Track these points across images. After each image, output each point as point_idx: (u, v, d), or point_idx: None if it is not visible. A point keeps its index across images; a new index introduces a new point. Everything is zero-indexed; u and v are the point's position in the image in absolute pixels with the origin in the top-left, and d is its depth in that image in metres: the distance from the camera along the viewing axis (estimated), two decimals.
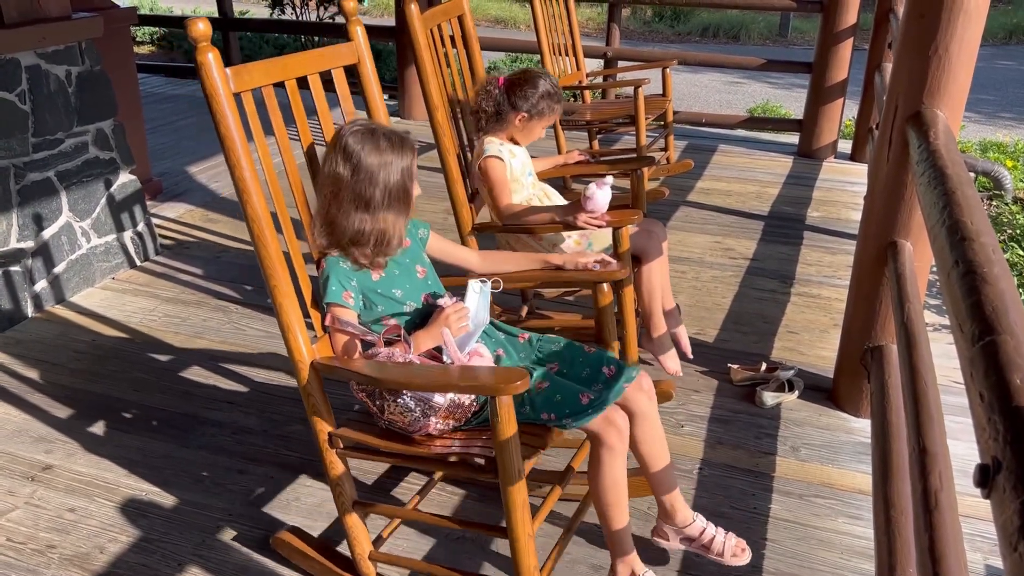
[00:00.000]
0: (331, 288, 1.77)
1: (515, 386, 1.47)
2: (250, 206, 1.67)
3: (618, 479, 1.79)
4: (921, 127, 2.15)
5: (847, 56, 5.09)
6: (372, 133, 1.77)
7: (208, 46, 1.60)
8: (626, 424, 1.78)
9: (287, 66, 1.81)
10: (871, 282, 2.54)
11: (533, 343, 1.97)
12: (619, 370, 1.84)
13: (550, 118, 2.65)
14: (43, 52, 3.25)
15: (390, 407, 1.70)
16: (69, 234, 3.42)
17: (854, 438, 2.56)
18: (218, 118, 1.63)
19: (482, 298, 1.86)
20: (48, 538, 2.13)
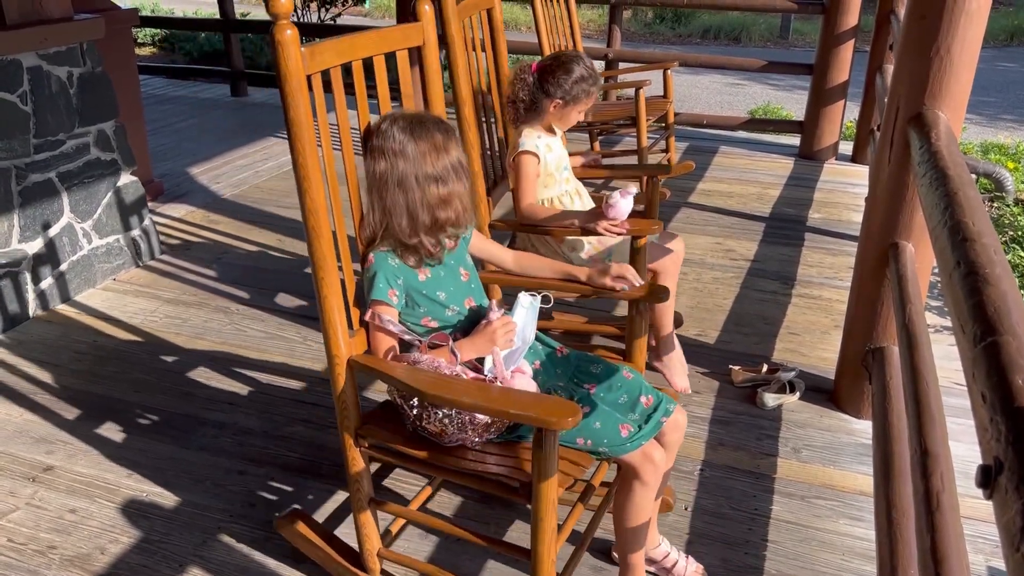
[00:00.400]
0: (378, 285, 1.73)
1: (567, 422, 1.43)
2: (309, 197, 1.62)
3: (645, 511, 1.77)
4: (922, 128, 2.15)
5: (848, 58, 5.09)
6: (419, 121, 1.73)
7: (288, 23, 1.51)
8: (663, 459, 1.74)
9: (355, 46, 1.74)
10: (872, 283, 2.54)
11: (571, 360, 1.93)
12: (656, 401, 1.80)
13: (586, 102, 2.57)
14: (44, 53, 3.25)
15: (429, 416, 1.66)
16: (70, 235, 3.43)
17: (855, 439, 2.55)
18: (289, 102, 1.55)
19: (531, 313, 1.81)
20: (49, 539, 2.13)
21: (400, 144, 1.69)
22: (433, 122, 1.75)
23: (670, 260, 2.68)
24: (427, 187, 1.69)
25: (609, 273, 1.99)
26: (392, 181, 1.69)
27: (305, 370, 2.90)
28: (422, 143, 1.69)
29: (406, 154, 1.68)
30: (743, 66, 5.93)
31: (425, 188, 1.69)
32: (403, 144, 1.69)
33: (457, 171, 1.73)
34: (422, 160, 1.69)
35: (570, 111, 2.58)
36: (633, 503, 1.76)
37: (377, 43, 1.82)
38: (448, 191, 1.71)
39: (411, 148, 1.69)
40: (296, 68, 1.54)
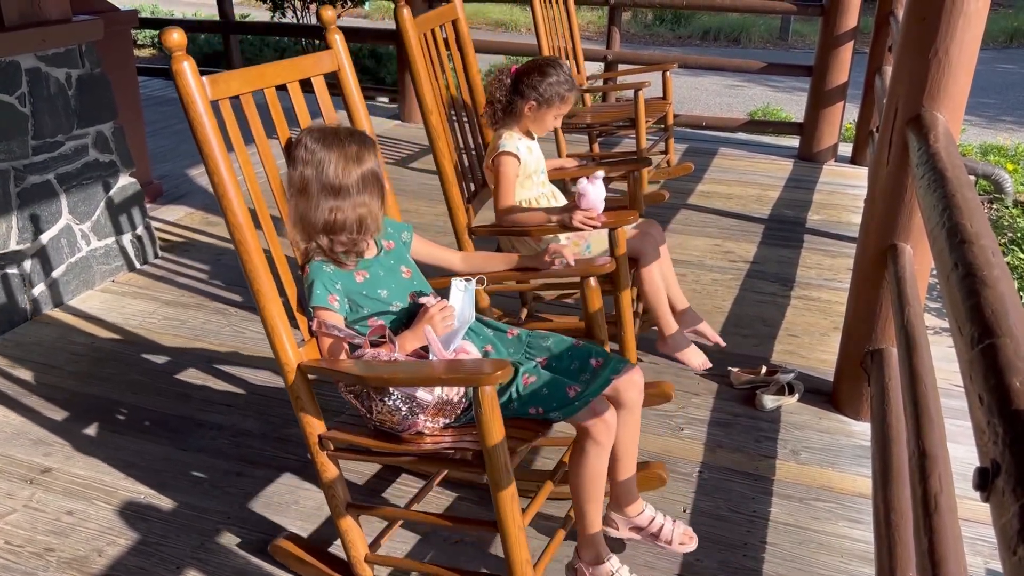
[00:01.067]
0: (316, 292, 1.78)
1: (496, 375, 1.48)
2: (230, 212, 1.69)
3: (599, 473, 1.81)
4: (921, 130, 2.15)
5: (847, 59, 5.09)
6: (333, 132, 1.80)
7: (183, 55, 1.60)
8: (614, 419, 1.78)
9: (265, 75, 1.82)
10: (871, 285, 2.54)
11: (523, 339, 1.98)
12: (607, 361, 1.85)
13: (561, 106, 2.59)
14: (43, 55, 3.25)
15: (378, 407, 1.71)
16: (69, 237, 3.42)
17: (854, 441, 2.55)
18: (195, 126, 1.63)
19: (467, 296, 1.87)
20: (46, 541, 2.13)
21: (308, 152, 1.76)
22: (348, 134, 1.81)
23: (648, 245, 2.67)
24: (325, 195, 1.76)
25: (547, 252, 2.10)
26: (296, 187, 1.77)
27: None
28: (330, 152, 1.76)
29: (312, 162, 1.76)
30: (742, 68, 5.93)
31: (322, 196, 1.76)
32: (312, 153, 1.76)
33: (367, 181, 1.78)
34: (327, 167, 1.75)
35: (545, 114, 2.59)
36: (586, 463, 1.79)
37: (289, 71, 1.91)
38: (348, 201, 1.76)
39: (318, 156, 1.76)
40: (194, 96, 1.62)
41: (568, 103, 2.61)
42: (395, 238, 1.97)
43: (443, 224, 4.12)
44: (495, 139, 2.61)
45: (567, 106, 2.61)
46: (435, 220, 4.19)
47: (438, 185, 2.61)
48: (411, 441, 1.74)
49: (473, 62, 2.85)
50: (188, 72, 1.61)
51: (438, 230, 4.00)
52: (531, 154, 2.63)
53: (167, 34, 1.58)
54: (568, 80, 2.58)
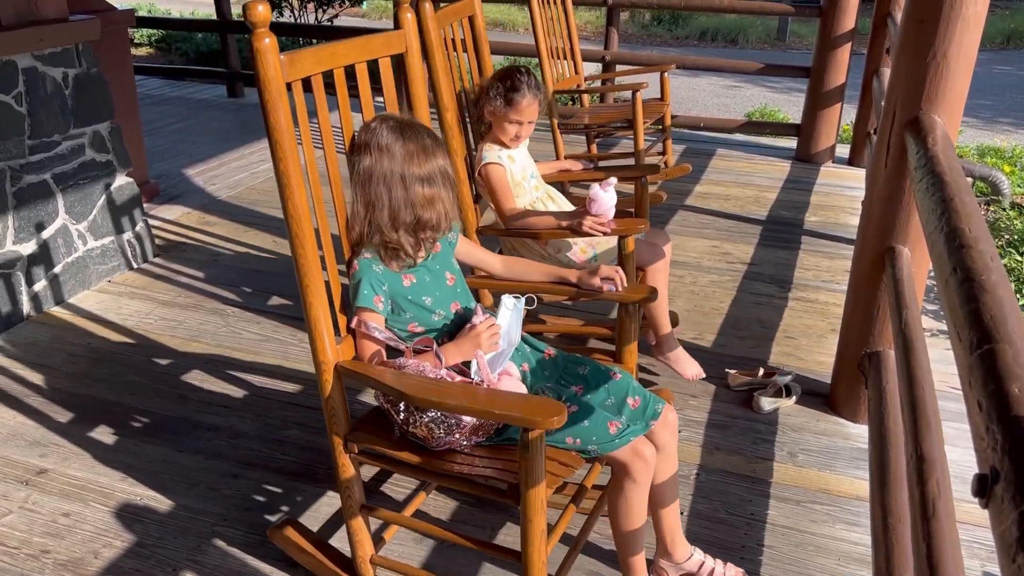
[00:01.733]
0: (363, 292, 1.73)
1: (552, 421, 1.43)
2: (291, 203, 1.62)
3: (640, 511, 1.77)
4: (919, 133, 2.15)
5: (845, 60, 5.10)
6: (410, 124, 1.74)
7: (266, 31, 1.52)
8: (654, 456, 1.74)
9: (337, 54, 1.74)
10: (869, 288, 2.54)
11: (559, 362, 1.93)
12: (644, 402, 1.80)
13: (510, 111, 2.50)
14: (40, 54, 3.24)
15: (415, 420, 1.65)
16: (65, 237, 3.41)
17: (851, 444, 2.55)
18: (269, 108, 1.56)
19: (515, 315, 1.81)
20: (42, 543, 2.12)
21: (387, 142, 1.71)
22: (423, 128, 1.77)
23: (658, 258, 2.67)
24: (412, 186, 1.71)
25: (598, 274, 2.01)
26: (377, 176, 1.71)
27: (300, 373, 2.89)
28: (410, 143, 1.71)
29: (393, 152, 1.70)
30: (740, 68, 5.93)
31: (410, 187, 1.71)
32: (390, 142, 1.71)
33: (444, 176, 1.75)
34: (408, 160, 1.70)
35: (500, 121, 2.54)
36: (626, 502, 1.76)
37: (359, 51, 1.83)
38: (433, 192, 1.72)
39: (398, 147, 1.70)
40: (275, 76, 1.55)
41: (519, 108, 2.49)
42: (442, 240, 1.89)
43: None
44: (478, 153, 2.60)
45: (519, 112, 2.50)
46: None
47: None
48: (441, 457, 1.69)
49: (488, 60, 2.79)
50: (269, 50, 1.52)
51: None
52: (514, 163, 2.61)
53: (252, 7, 1.49)
54: (521, 86, 2.49)
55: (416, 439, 1.71)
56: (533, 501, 1.53)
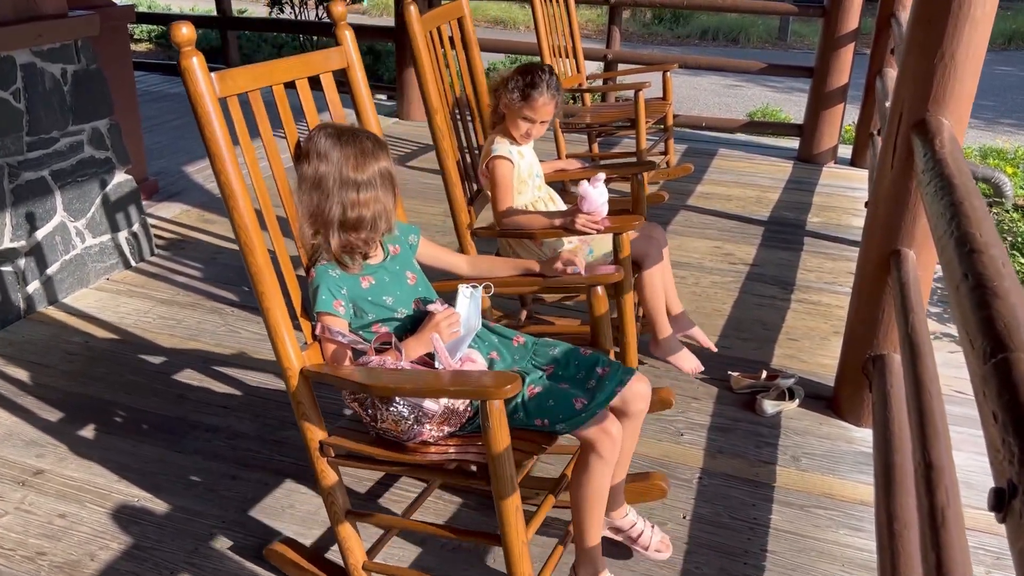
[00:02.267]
0: (321, 297, 1.75)
1: (506, 390, 1.45)
2: (236, 212, 1.65)
3: (602, 488, 1.78)
4: (926, 135, 2.13)
5: (848, 61, 5.07)
6: (349, 129, 1.78)
7: (192, 50, 1.57)
8: (619, 432, 1.75)
9: (274, 72, 1.79)
10: (873, 290, 2.52)
11: (528, 346, 1.95)
12: (612, 371, 1.83)
13: (524, 107, 2.49)
14: (38, 50, 3.21)
15: (383, 415, 1.68)
16: (63, 234, 3.39)
17: (855, 448, 2.53)
18: (203, 122, 1.60)
19: (473, 303, 1.84)
20: (38, 544, 2.10)
21: (324, 147, 1.73)
22: (364, 133, 1.80)
23: (650, 247, 2.65)
24: (347, 189, 1.72)
25: (560, 260, 2.06)
26: (314, 181, 1.73)
27: None
28: (347, 148, 1.74)
29: (329, 158, 1.73)
30: (743, 68, 5.91)
31: (344, 189, 1.72)
32: (328, 148, 1.73)
33: (384, 178, 1.76)
34: (344, 163, 1.73)
35: (513, 117, 2.54)
36: (590, 478, 1.77)
37: (298, 68, 1.87)
38: (369, 195, 1.74)
39: (335, 153, 1.73)
40: (208, 91, 1.59)
41: (534, 106, 2.49)
42: (401, 242, 1.94)
43: (441, 224, 4.10)
44: (487, 144, 2.59)
45: (534, 109, 2.49)
46: (432, 219, 4.17)
47: (436, 184, 2.59)
48: (415, 450, 1.71)
49: (478, 61, 2.81)
50: (197, 68, 1.57)
51: (436, 230, 3.97)
52: (523, 159, 2.60)
53: (176, 29, 1.54)
54: (540, 84, 2.49)
55: (390, 436, 1.72)
56: (501, 476, 1.53)
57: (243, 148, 1.72)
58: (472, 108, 2.81)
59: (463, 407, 1.71)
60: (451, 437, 1.75)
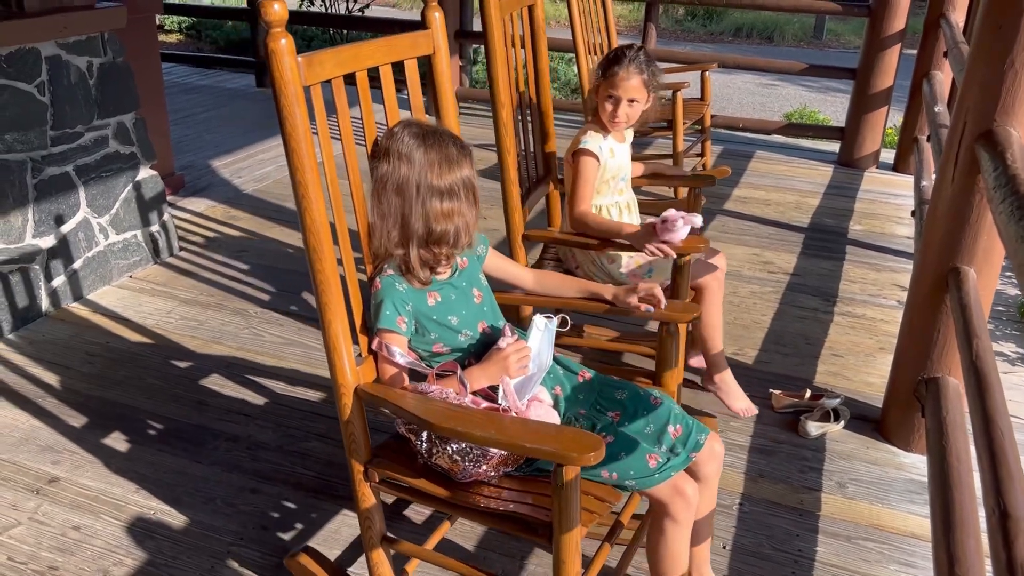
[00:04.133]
0: (384, 312, 1.62)
1: (588, 457, 1.31)
2: (309, 215, 1.51)
3: (682, 552, 1.64)
4: (994, 147, 1.99)
5: (894, 63, 4.90)
6: (433, 130, 1.63)
7: (282, 32, 1.41)
8: (695, 493, 1.61)
9: (360, 55, 1.63)
10: (928, 308, 2.38)
11: (595, 386, 1.80)
12: (686, 431, 1.66)
13: (606, 84, 2.38)
14: (64, 42, 3.15)
15: (439, 451, 1.55)
16: (86, 230, 3.32)
17: (905, 475, 2.40)
18: (285, 114, 1.45)
19: (546, 336, 1.68)
20: (50, 558, 2.02)
21: (407, 148, 1.59)
22: (450, 136, 1.65)
23: (713, 277, 2.53)
24: (429, 197, 1.59)
25: (636, 293, 1.86)
26: (391, 184, 1.60)
27: (323, 379, 2.78)
28: (432, 152, 1.59)
29: (412, 159, 1.59)
30: (784, 69, 5.73)
31: (426, 198, 1.59)
32: (411, 150, 1.59)
33: (466, 188, 1.63)
34: (428, 169, 1.59)
35: (601, 98, 2.42)
36: (665, 543, 1.63)
37: (383, 52, 1.70)
38: (452, 206, 1.60)
39: (419, 155, 1.59)
40: (292, 79, 1.44)
41: (614, 81, 2.36)
42: (469, 253, 1.78)
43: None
44: (578, 134, 2.44)
45: (614, 85, 2.36)
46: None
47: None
48: (467, 488, 1.58)
49: (545, 54, 2.61)
50: (285, 52, 1.42)
51: None
52: (613, 158, 2.45)
53: (268, 6, 1.39)
54: (622, 59, 2.36)
55: (440, 469, 1.59)
56: (567, 543, 1.41)
57: (322, 145, 1.57)
58: (533, 106, 2.64)
59: None
60: (507, 477, 1.62)
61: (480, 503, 1.56)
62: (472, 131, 5.41)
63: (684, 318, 1.88)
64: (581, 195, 2.38)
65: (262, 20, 1.40)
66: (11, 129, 2.97)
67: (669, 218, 2.12)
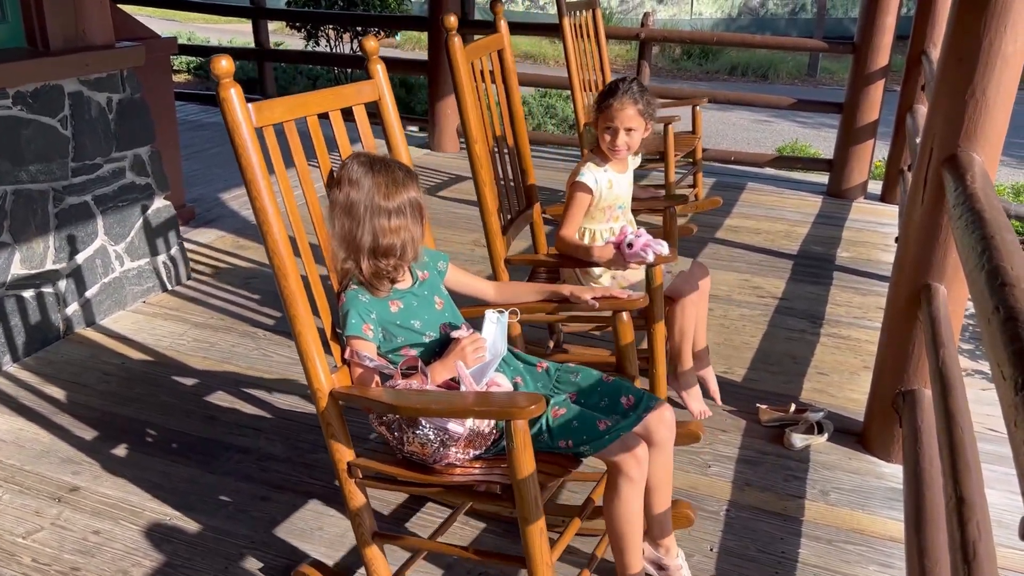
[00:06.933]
0: (351, 321, 1.80)
1: (530, 410, 1.48)
2: (270, 237, 1.71)
3: (635, 513, 1.79)
4: (957, 170, 2.14)
5: (878, 97, 5.09)
6: (380, 159, 1.83)
7: (231, 82, 1.63)
8: (645, 453, 1.77)
9: (308, 103, 1.85)
10: (904, 325, 2.51)
11: (551, 372, 1.97)
12: (638, 399, 1.85)
13: (603, 116, 2.52)
14: (86, 79, 3.32)
15: (409, 438, 1.71)
16: (103, 257, 3.47)
17: (885, 483, 2.51)
18: (239, 151, 1.66)
19: (499, 328, 1.86)
20: (72, 560, 2.13)
21: (357, 175, 1.79)
22: (396, 163, 1.86)
23: (688, 287, 2.66)
24: (377, 216, 1.77)
25: (592, 291, 2.07)
26: (345, 207, 1.79)
27: None
28: (379, 176, 1.79)
29: (360, 185, 1.78)
30: (773, 103, 5.93)
31: (375, 217, 1.77)
32: (360, 176, 1.79)
33: (413, 207, 1.81)
34: (376, 191, 1.78)
35: (600, 130, 2.56)
36: (619, 501, 1.77)
37: (331, 100, 1.92)
38: (399, 223, 1.79)
39: (367, 180, 1.78)
40: (244, 120, 1.65)
41: (609, 113, 2.50)
42: (430, 268, 1.98)
43: (470, 253, 4.14)
44: (578, 165, 2.61)
45: (610, 117, 2.51)
46: (462, 248, 4.21)
47: (466, 214, 2.63)
48: (441, 472, 1.74)
49: (516, 93, 2.83)
50: (235, 99, 1.64)
51: (465, 259, 4.02)
52: (611, 188, 2.60)
53: (216, 62, 1.60)
54: (616, 91, 2.50)
55: (416, 458, 1.75)
56: (525, 496, 1.55)
57: (278, 176, 1.79)
58: (508, 139, 2.84)
59: (488, 429, 1.74)
60: (476, 459, 1.78)
61: (452, 480, 1.72)
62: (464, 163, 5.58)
63: (630, 305, 2.06)
64: (567, 222, 2.56)
65: (212, 74, 1.63)
66: (35, 161, 3.13)
67: (636, 246, 2.27)
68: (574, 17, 4.25)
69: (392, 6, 11.34)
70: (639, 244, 2.27)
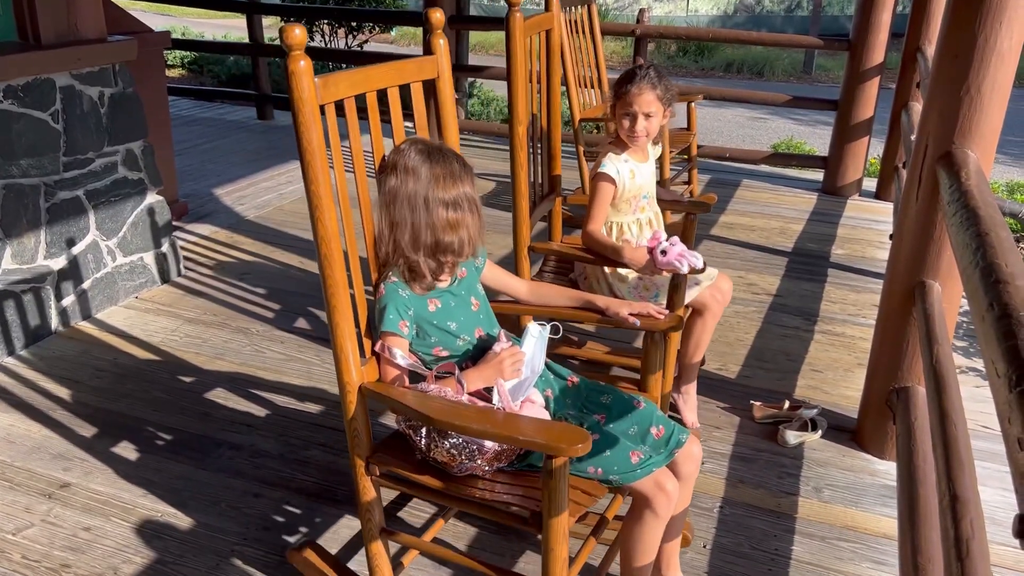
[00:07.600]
0: (388, 316, 1.73)
1: (576, 448, 1.42)
2: (322, 224, 1.63)
3: (654, 544, 1.75)
4: (952, 167, 2.13)
5: (873, 94, 5.09)
6: (438, 148, 1.75)
7: (301, 54, 1.53)
8: (676, 489, 1.71)
9: (370, 77, 1.76)
10: (898, 322, 2.51)
11: (582, 390, 1.91)
12: (668, 432, 1.78)
13: (620, 104, 2.47)
14: (78, 73, 3.30)
15: (437, 446, 1.65)
16: (95, 252, 3.46)
17: (878, 480, 2.51)
18: (302, 130, 1.57)
19: (539, 343, 1.79)
20: (63, 557, 2.12)
21: (414, 164, 1.70)
22: (453, 153, 1.77)
23: (715, 300, 2.61)
24: (435, 209, 1.70)
25: (630, 308, 1.97)
26: (401, 197, 1.70)
27: (323, 393, 2.89)
28: (437, 167, 1.71)
29: (419, 174, 1.70)
30: (768, 100, 5.92)
31: (433, 209, 1.70)
32: (417, 164, 1.70)
33: (469, 202, 1.74)
34: (434, 183, 1.70)
35: (618, 117, 2.50)
36: (642, 533, 1.74)
37: (392, 75, 1.84)
38: (457, 217, 1.71)
39: (425, 170, 1.70)
40: (310, 98, 1.56)
41: (627, 98, 2.44)
42: (468, 264, 1.89)
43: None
44: (599, 156, 2.55)
45: (627, 102, 2.45)
46: None
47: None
48: (462, 482, 1.69)
49: (558, 74, 2.72)
50: (304, 72, 1.54)
51: None
52: (633, 179, 2.54)
53: (289, 30, 1.50)
54: (634, 76, 2.44)
55: (437, 464, 1.70)
56: (555, 530, 1.52)
57: (335, 159, 1.69)
58: (542, 125, 2.73)
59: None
60: (500, 472, 1.72)
61: (475, 495, 1.66)
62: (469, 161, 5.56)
63: (663, 326, 1.99)
64: (593, 215, 2.49)
65: (283, 43, 1.53)
66: (26, 155, 3.11)
67: (668, 252, 2.21)
68: (569, 13, 4.23)
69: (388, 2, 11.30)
70: (673, 253, 2.22)
